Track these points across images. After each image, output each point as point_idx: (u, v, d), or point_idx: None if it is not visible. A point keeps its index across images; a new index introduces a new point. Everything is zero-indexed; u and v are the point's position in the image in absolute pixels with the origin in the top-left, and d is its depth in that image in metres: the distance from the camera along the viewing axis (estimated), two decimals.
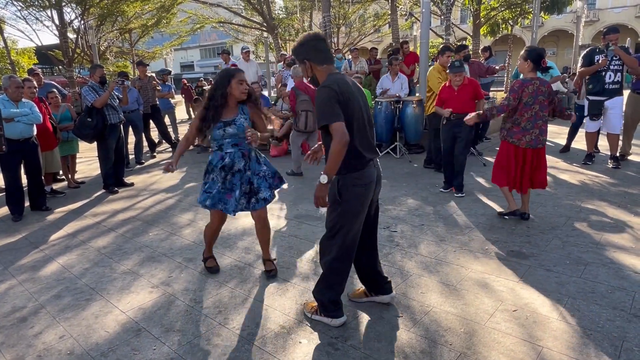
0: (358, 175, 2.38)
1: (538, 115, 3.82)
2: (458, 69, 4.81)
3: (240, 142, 3.02)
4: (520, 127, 3.86)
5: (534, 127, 3.83)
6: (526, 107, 3.82)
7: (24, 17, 14.66)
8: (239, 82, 2.94)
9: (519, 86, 3.82)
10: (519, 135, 3.88)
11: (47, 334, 2.62)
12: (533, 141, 3.86)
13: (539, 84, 3.79)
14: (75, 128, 5.66)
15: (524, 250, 3.48)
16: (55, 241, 4.19)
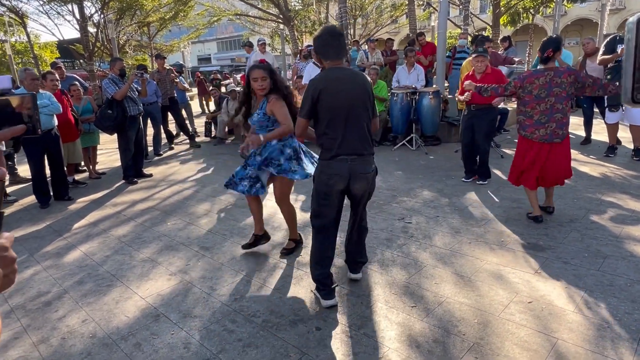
0: (325, 165, 2.61)
1: (555, 108, 3.62)
2: (483, 52, 4.80)
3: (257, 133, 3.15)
4: (534, 120, 3.70)
5: (550, 120, 3.65)
6: (538, 99, 3.64)
7: (46, 11, 14.99)
8: (253, 80, 3.08)
9: (526, 76, 3.70)
10: (532, 129, 3.72)
11: (71, 318, 2.72)
12: (548, 135, 3.68)
13: (553, 74, 3.59)
14: (97, 120, 5.79)
15: (540, 242, 3.44)
16: (77, 230, 4.32)
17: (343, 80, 2.51)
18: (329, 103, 2.48)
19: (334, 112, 2.50)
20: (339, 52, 2.54)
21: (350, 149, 2.54)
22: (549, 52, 3.59)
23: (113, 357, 2.31)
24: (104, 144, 8.33)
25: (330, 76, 2.52)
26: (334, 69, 2.54)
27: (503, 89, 3.85)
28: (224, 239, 3.84)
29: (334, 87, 2.48)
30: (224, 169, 6.49)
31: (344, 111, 2.50)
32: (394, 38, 15.26)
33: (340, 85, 2.49)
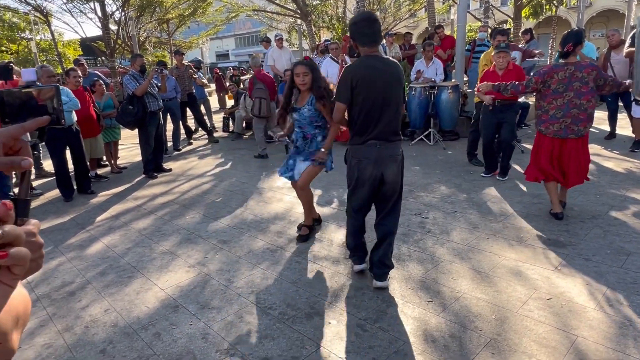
0: (355, 149, 2.74)
1: (572, 104, 3.52)
2: (505, 48, 4.69)
3: (304, 127, 3.44)
4: (549, 115, 3.62)
5: (566, 115, 3.54)
6: (555, 94, 3.55)
7: (69, 10, 15.32)
8: (296, 75, 3.31)
9: (546, 71, 3.61)
10: (547, 124, 3.65)
11: (93, 308, 2.80)
12: (562, 131, 3.58)
13: (573, 69, 3.49)
14: (118, 115, 5.91)
15: (561, 238, 3.37)
16: (100, 222, 4.43)
17: (378, 68, 2.60)
18: (366, 90, 2.60)
19: (370, 99, 2.61)
20: (375, 39, 2.64)
21: (382, 135, 2.65)
22: (568, 46, 3.50)
23: (134, 346, 2.38)
24: (125, 139, 8.49)
25: (367, 63, 2.62)
26: (369, 57, 2.64)
27: (524, 86, 3.76)
28: (241, 233, 3.88)
29: (371, 75, 2.59)
30: (241, 164, 6.55)
31: (379, 98, 2.61)
32: (412, 32, 15.08)
33: (376, 72, 2.59)
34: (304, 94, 3.38)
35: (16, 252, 0.39)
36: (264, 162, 6.59)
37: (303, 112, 3.37)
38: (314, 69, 3.30)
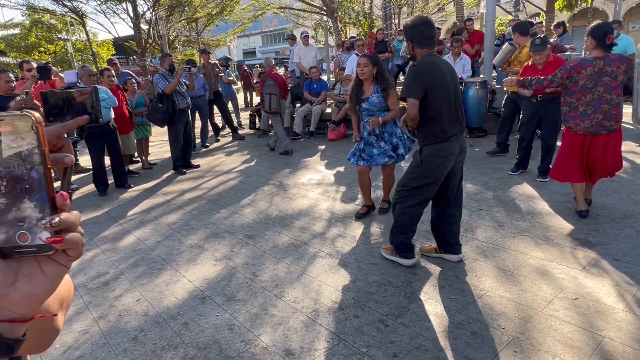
0: (440, 147, 2.78)
1: (603, 99, 3.42)
2: (538, 47, 4.50)
3: (374, 113, 3.75)
4: (579, 111, 3.53)
5: (597, 111, 3.45)
6: (584, 90, 3.46)
7: (103, 11, 15.84)
8: (357, 65, 3.76)
9: (573, 66, 3.50)
10: (577, 121, 3.55)
11: (126, 297, 2.94)
12: (593, 127, 3.48)
13: (602, 64, 3.39)
14: (149, 113, 6.11)
15: (590, 238, 3.29)
16: (132, 216, 4.61)
17: (443, 65, 2.80)
18: (440, 88, 2.73)
19: (445, 96, 2.76)
20: (434, 41, 2.81)
21: (458, 128, 2.84)
22: (609, 38, 3.38)
23: (163, 334, 2.49)
24: (155, 137, 8.75)
25: (434, 62, 2.76)
26: (432, 57, 2.79)
27: (549, 81, 3.67)
28: (267, 228, 3.97)
29: (440, 72, 2.74)
30: (267, 160, 6.65)
31: (451, 94, 2.78)
32: (440, 27, 14.85)
33: (443, 70, 2.77)
34: (368, 86, 3.77)
35: (71, 237, 0.45)
36: (289, 158, 6.67)
37: (372, 100, 3.75)
38: (377, 62, 3.77)
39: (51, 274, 0.46)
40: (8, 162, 0.43)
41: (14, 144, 0.44)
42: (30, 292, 0.44)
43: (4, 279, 0.44)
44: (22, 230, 0.44)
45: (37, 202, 0.44)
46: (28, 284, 0.44)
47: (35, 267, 0.45)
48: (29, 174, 0.44)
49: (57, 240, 0.44)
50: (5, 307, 0.44)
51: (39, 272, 0.45)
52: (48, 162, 0.45)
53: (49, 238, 0.44)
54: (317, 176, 5.59)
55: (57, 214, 0.44)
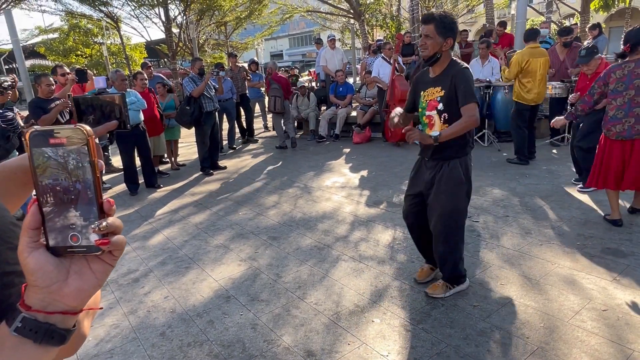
0: (471, 156, 2.66)
1: (634, 102, 3.33)
2: (582, 59, 4.37)
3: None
4: (609, 116, 3.45)
5: (628, 115, 3.36)
6: (614, 94, 3.39)
7: (136, 15, 16.35)
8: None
9: (605, 73, 3.43)
10: (608, 126, 3.47)
11: (154, 294, 3.04)
12: (625, 132, 3.39)
13: (633, 66, 3.30)
14: (177, 115, 6.29)
15: (622, 248, 3.19)
16: (160, 216, 4.76)
17: None
18: None
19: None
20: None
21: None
22: (625, 47, 3.31)
23: (189, 331, 2.57)
24: (184, 138, 8.98)
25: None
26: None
27: (590, 96, 3.57)
28: (291, 230, 4.02)
29: None
30: (292, 163, 6.72)
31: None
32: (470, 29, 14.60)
33: None
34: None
35: (116, 240, 0.50)
36: (314, 161, 6.72)
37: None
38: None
39: (98, 272, 0.51)
40: (56, 175, 0.49)
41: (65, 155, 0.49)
42: (80, 287, 0.50)
43: (58, 275, 0.49)
44: (74, 232, 0.49)
45: (86, 207, 0.50)
46: (78, 280, 0.50)
47: (85, 265, 0.51)
48: (75, 185, 0.49)
49: (104, 242, 0.49)
50: (58, 300, 0.49)
51: (88, 269, 0.51)
52: (98, 172, 0.50)
53: (98, 240, 0.49)
54: (342, 179, 5.62)
55: (105, 218, 0.50)
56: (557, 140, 6.51)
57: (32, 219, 0.49)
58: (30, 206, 0.50)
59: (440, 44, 2.43)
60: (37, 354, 0.48)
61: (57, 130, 0.48)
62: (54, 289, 0.49)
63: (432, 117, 2.58)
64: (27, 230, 0.49)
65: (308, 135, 8.67)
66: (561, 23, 17.08)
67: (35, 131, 0.49)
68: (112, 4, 15.88)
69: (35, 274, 0.48)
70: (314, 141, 8.24)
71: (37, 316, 0.48)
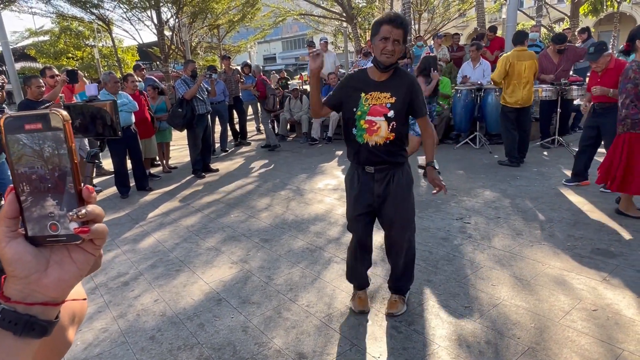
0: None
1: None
2: (591, 56, 4.31)
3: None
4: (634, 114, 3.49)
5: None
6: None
7: (128, 18, 16.29)
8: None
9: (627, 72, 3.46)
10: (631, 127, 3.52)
11: (144, 297, 3.01)
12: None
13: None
14: (168, 117, 6.26)
15: (612, 248, 3.22)
16: (151, 218, 4.72)
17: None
18: None
19: None
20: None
21: None
22: (626, 45, 3.34)
23: (180, 335, 2.54)
24: (176, 140, 8.93)
25: None
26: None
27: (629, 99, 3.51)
28: (283, 232, 4.00)
29: None
30: (284, 165, 6.71)
31: None
32: (461, 32, 14.72)
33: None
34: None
35: (96, 228, 0.49)
36: (307, 164, 6.71)
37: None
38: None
39: (80, 262, 0.50)
40: (32, 162, 0.47)
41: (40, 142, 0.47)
42: (60, 277, 0.49)
43: (37, 265, 0.48)
44: (53, 221, 0.48)
45: (64, 195, 0.48)
46: (59, 270, 0.49)
47: (66, 255, 0.50)
48: (52, 172, 0.47)
49: (84, 230, 0.48)
50: (38, 291, 0.48)
51: (68, 259, 0.50)
52: (75, 157, 0.48)
53: (77, 228, 0.48)
54: (334, 181, 5.62)
55: (84, 206, 0.49)
56: (547, 143, 6.56)
57: (9, 207, 0.47)
58: (7, 195, 0.48)
59: (402, 50, 2.26)
60: (17, 346, 0.47)
61: (33, 115, 0.47)
62: (33, 279, 0.47)
63: (376, 123, 2.33)
64: (4, 219, 0.47)
65: (301, 138, 8.67)
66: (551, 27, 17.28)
67: (10, 117, 0.47)
68: (103, 6, 15.81)
69: (13, 264, 0.47)
70: (307, 144, 8.24)
71: (16, 307, 0.47)
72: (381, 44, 2.20)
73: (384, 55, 2.21)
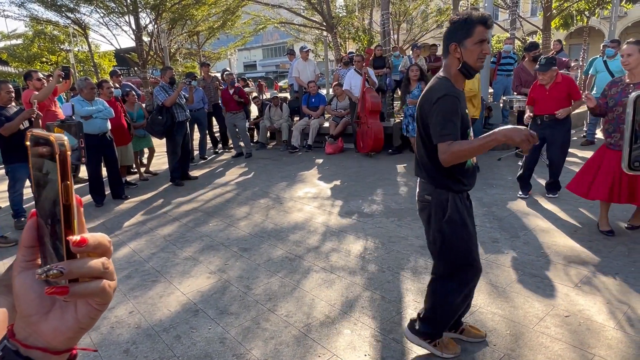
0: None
1: (621, 119, 3.47)
2: (541, 67, 4.47)
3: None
4: (604, 128, 3.67)
5: (616, 130, 3.51)
6: (609, 108, 3.55)
7: (105, 23, 16.02)
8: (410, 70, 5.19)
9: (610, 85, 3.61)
10: (605, 136, 3.69)
11: (119, 309, 2.93)
12: (612, 146, 3.57)
13: (626, 85, 3.46)
14: (147, 125, 6.16)
15: (583, 256, 3.31)
16: (127, 228, 4.62)
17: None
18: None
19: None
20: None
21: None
22: None
23: (155, 347, 2.48)
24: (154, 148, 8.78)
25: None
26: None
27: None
28: (262, 241, 3.98)
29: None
30: (264, 173, 6.68)
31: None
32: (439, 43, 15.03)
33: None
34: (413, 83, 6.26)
35: (80, 289, 0.41)
36: (287, 172, 6.70)
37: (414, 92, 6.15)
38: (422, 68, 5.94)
39: (82, 314, 0.43)
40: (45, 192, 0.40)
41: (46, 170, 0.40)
42: (57, 327, 0.43)
43: (39, 306, 0.43)
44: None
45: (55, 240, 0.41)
46: (58, 319, 0.43)
47: (71, 303, 0.44)
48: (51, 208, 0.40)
49: (57, 292, 0.40)
50: (37, 334, 0.43)
51: (72, 308, 0.44)
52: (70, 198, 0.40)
53: (48, 289, 0.40)
54: (314, 190, 5.62)
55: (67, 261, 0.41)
56: (520, 152, 6.73)
57: (26, 234, 0.42)
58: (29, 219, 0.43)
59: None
60: None
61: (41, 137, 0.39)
62: (33, 320, 0.43)
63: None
64: (21, 247, 0.43)
65: (281, 146, 8.66)
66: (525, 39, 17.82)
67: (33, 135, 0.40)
68: (79, 10, 15.50)
69: (18, 298, 0.42)
70: (287, 152, 8.24)
71: (18, 347, 0.42)
72: (477, 48, 1.90)
73: (480, 60, 1.94)
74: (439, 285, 2.19)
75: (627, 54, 3.38)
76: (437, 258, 2.19)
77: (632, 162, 0.66)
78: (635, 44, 3.37)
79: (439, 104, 1.91)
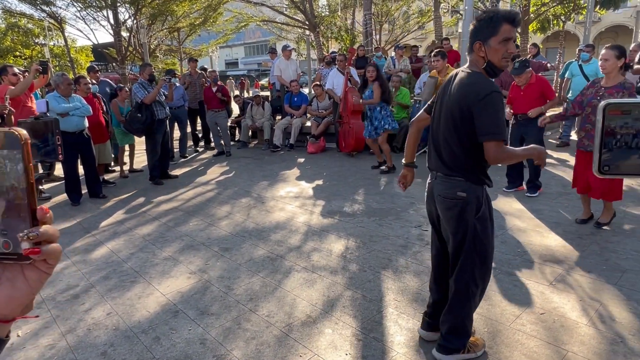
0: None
1: (588, 119, 3.65)
2: (516, 70, 4.64)
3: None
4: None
5: (581, 129, 3.78)
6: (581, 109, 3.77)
7: (82, 17, 15.63)
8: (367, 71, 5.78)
9: (587, 85, 3.81)
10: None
11: (96, 311, 2.87)
12: (579, 142, 3.84)
13: (599, 89, 3.58)
14: (126, 122, 6.04)
15: (558, 254, 3.40)
16: (105, 227, 4.52)
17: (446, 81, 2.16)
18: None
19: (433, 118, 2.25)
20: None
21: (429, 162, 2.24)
22: None
23: (134, 349, 2.44)
24: None
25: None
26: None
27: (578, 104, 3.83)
28: (243, 241, 3.95)
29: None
30: (245, 172, 6.64)
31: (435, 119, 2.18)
32: (421, 44, 15.18)
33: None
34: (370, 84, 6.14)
35: (49, 248, 0.48)
36: (268, 171, 6.68)
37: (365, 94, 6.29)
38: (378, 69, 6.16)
39: (32, 280, 0.49)
40: None
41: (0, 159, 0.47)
42: (11, 295, 0.48)
43: None
44: (6, 239, 0.48)
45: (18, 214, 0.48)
46: (10, 288, 0.48)
47: (19, 272, 0.49)
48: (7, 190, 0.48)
49: (34, 251, 0.47)
50: None
51: (21, 276, 0.49)
52: (31, 177, 0.48)
53: (27, 249, 0.47)
54: (295, 189, 5.61)
55: (37, 227, 0.48)
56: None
57: None
58: None
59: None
60: None
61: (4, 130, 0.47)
62: None
63: None
64: None
65: (262, 145, 8.62)
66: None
67: None
68: (55, 3, 15.09)
69: None
70: (269, 151, 8.20)
71: None
72: (502, 46, 1.86)
73: (505, 60, 1.90)
74: (465, 291, 2.13)
75: (604, 59, 3.51)
76: (465, 258, 2.08)
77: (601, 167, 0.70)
78: (612, 49, 3.49)
79: (489, 100, 1.84)
